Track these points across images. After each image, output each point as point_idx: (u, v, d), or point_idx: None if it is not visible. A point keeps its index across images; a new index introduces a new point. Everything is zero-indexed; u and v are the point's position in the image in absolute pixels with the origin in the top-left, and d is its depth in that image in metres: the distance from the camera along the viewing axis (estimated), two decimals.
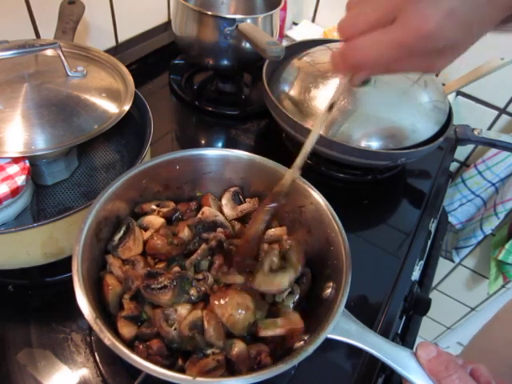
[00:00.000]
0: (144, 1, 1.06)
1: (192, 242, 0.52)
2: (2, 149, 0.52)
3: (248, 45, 0.84)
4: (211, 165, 0.57)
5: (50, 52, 0.65)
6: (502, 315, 0.87)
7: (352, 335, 0.41)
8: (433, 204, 0.84)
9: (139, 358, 0.35)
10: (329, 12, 1.20)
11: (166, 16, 1.17)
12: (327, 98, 0.77)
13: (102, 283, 0.46)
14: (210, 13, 0.82)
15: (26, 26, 0.81)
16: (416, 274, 0.73)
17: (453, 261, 1.31)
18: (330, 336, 0.39)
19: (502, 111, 1.05)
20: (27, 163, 0.54)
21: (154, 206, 0.55)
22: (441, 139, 0.76)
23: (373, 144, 0.74)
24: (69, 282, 0.39)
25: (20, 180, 0.52)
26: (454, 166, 1.23)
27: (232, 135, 0.91)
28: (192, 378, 0.35)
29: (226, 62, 0.91)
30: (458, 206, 1.18)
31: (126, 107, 0.62)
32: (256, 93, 1.01)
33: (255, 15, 0.90)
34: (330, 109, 0.41)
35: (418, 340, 0.57)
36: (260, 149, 0.90)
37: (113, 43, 1.04)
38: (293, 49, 0.89)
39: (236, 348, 0.42)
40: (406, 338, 0.68)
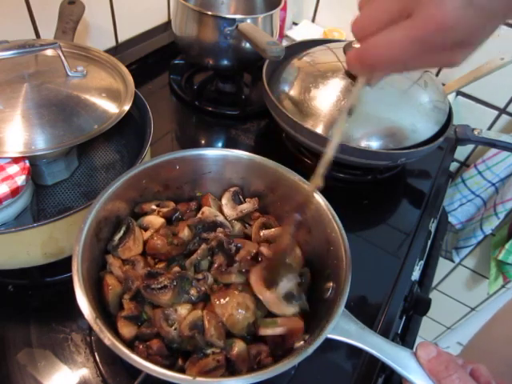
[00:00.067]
0: (144, 1, 1.06)
1: (192, 242, 0.52)
2: (2, 149, 0.52)
3: (248, 45, 0.84)
4: (211, 165, 0.57)
5: (50, 52, 0.65)
6: (502, 315, 0.87)
7: (352, 335, 0.41)
8: (433, 204, 0.84)
9: (139, 358, 0.35)
10: (329, 12, 1.20)
11: (166, 16, 1.17)
12: (327, 97, 0.79)
13: (102, 283, 0.46)
14: (210, 13, 0.82)
15: (25, 25, 0.81)
16: (416, 274, 0.73)
17: (453, 261, 1.31)
18: (330, 336, 0.39)
19: (502, 111, 1.05)
20: (27, 163, 0.54)
21: (154, 206, 0.55)
22: (441, 139, 0.76)
23: (373, 144, 0.74)
24: (69, 282, 0.39)
25: (20, 180, 0.52)
26: (454, 165, 1.23)
27: (232, 135, 0.91)
28: (192, 377, 0.35)
29: (226, 62, 0.91)
30: (458, 206, 1.18)
31: (126, 107, 0.62)
32: (256, 93, 1.01)
33: (255, 15, 0.90)
34: (349, 113, 0.39)
35: (418, 340, 0.57)
36: (260, 149, 0.90)
37: (113, 43, 1.04)
38: (293, 49, 0.89)
39: (236, 347, 0.42)
40: (406, 337, 0.68)
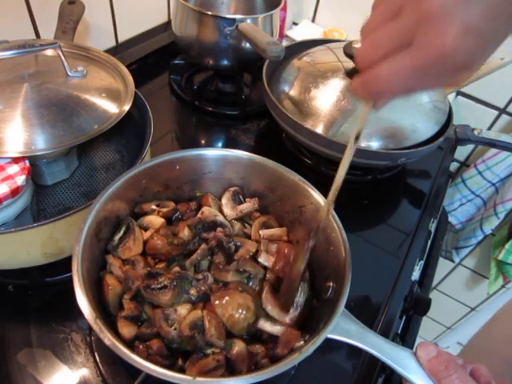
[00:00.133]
0: (144, 1, 1.06)
1: (192, 242, 0.52)
2: (2, 149, 0.52)
3: (248, 45, 0.84)
4: (211, 165, 0.57)
5: (50, 52, 0.65)
6: (502, 315, 0.87)
7: (352, 335, 0.41)
8: (433, 204, 0.84)
9: (139, 358, 0.35)
10: (329, 12, 1.20)
11: (166, 16, 1.17)
12: (327, 97, 0.79)
13: (102, 283, 0.46)
14: (210, 13, 0.82)
15: (26, 25, 0.81)
16: (416, 274, 0.73)
17: (453, 261, 1.31)
18: (330, 336, 0.39)
19: (502, 111, 1.05)
20: (27, 163, 0.54)
21: (154, 206, 0.55)
22: (441, 139, 0.76)
23: (373, 144, 0.74)
24: (69, 282, 0.39)
25: (20, 180, 0.52)
26: (454, 165, 1.23)
27: (232, 135, 0.91)
28: (192, 377, 0.35)
29: (226, 62, 0.91)
30: (458, 206, 1.18)
31: (126, 107, 0.62)
32: (256, 93, 1.01)
33: (255, 15, 0.90)
34: (356, 138, 0.39)
35: (418, 340, 0.57)
36: (260, 149, 0.90)
37: (113, 43, 1.04)
38: (293, 49, 0.89)
39: (236, 347, 0.42)
40: (406, 337, 0.68)
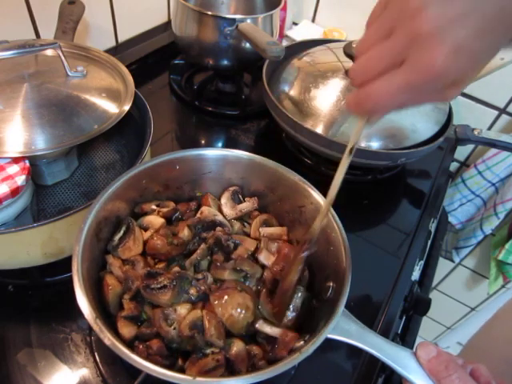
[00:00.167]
0: (144, 1, 1.06)
1: (192, 242, 0.52)
2: (2, 149, 0.52)
3: (248, 45, 0.84)
4: (211, 165, 0.57)
5: (50, 52, 0.65)
6: (502, 314, 0.87)
7: (352, 335, 0.41)
8: (433, 204, 0.84)
9: (139, 358, 0.35)
10: (329, 12, 1.20)
11: (166, 16, 1.17)
12: (327, 97, 0.79)
13: (102, 283, 0.46)
14: (210, 13, 0.82)
15: (26, 26, 0.81)
16: (416, 274, 0.73)
17: (453, 261, 1.31)
18: (330, 336, 0.39)
19: (502, 111, 1.05)
20: (27, 163, 0.54)
21: (154, 206, 0.55)
22: (441, 139, 0.76)
23: (373, 144, 0.74)
24: (69, 282, 0.39)
25: (20, 180, 0.52)
26: (454, 165, 1.23)
27: (232, 135, 0.91)
28: (192, 377, 0.35)
29: (226, 62, 0.91)
30: (458, 206, 1.18)
31: (126, 107, 0.62)
32: (256, 93, 1.01)
33: (255, 15, 0.90)
34: (350, 152, 0.39)
35: (418, 340, 0.57)
36: (260, 149, 0.90)
37: (113, 43, 1.04)
38: (293, 49, 0.89)
39: (235, 347, 0.42)
40: (406, 337, 0.68)
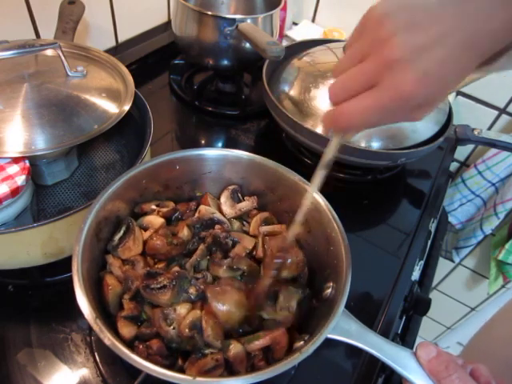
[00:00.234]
0: (144, 1, 1.06)
1: (191, 242, 0.52)
2: (2, 149, 0.52)
3: (248, 45, 0.84)
4: (211, 165, 0.57)
5: (50, 52, 0.65)
6: (502, 314, 0.87)
7: (352, 335, 0.41)
8: (433, 204, 0.84)
9: (139, 358, 0.35)
10: (329, 12, 1.20)
11: (166, 16, 1.17)
12: (327, 97, 0.79)
13: (102, 283, 0.46)
14: (210, 13, 0.82)
15: (26, 26, 0.81)
16: (416, 274, 0.73)
17: (453, 261, 1.31)
18: (330, 336, 0.39)
19: (502, 111, 1.05)
20: (27, 163, 0.54)
21: (153, 206, 0.55)
22: (441, 139, 0.76)
23: (373, 144, 0.74)
24: (69, 282, 0.39)
25: (20, 180, 0.52)
26: (454, 165, 1.23)
27: (232, 135, 0.91)
28: (192, 377, 0.35)
29: (226, 62, 0.91)
30: (458, 206, 1.18)
31: (126, 107, 0.62)
32: (256, 93, 1.01)
33: (255, 15, 0.90)
34: (326, 167, 0.42)
35: (418, 340, 0.57)
36: (260, 149, 0.90)
37: (113, 43, 1.04)
38: (293, 49, 0.89)
39: (233, 349, 0.42)
40: (406, 338, 0.68)
